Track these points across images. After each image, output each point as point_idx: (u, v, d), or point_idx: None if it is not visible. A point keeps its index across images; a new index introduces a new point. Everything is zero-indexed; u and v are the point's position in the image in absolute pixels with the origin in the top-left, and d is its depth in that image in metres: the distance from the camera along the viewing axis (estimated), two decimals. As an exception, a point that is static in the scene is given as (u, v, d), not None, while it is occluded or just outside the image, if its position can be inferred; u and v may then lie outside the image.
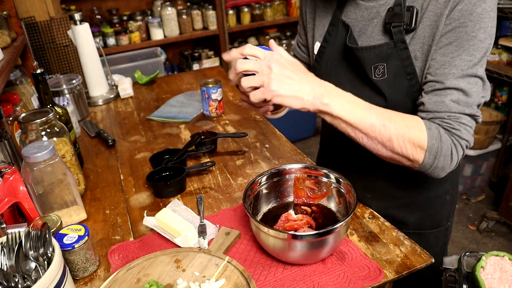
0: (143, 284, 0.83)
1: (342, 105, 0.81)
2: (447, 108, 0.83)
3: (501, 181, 2.76)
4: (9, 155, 1.18)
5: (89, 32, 1.83)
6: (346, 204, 0.94)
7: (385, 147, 0.84)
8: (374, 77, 0.93)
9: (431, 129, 0.83)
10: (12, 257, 0.75)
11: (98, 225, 1.08)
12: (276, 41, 3.66)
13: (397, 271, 0.84)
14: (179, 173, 1.19)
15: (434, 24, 0.84)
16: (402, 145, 0.83)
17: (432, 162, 0.84)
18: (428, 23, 0.85)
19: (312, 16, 1.10)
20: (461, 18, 0.80)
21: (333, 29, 1.02)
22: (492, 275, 0.93)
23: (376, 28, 0.93)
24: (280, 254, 0.86)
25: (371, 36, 0.94)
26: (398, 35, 0.88)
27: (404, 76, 0.91)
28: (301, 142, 3.55)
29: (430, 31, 0.85)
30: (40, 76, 1.16)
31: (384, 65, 0.91)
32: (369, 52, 0.92)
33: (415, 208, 1.11)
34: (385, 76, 0.92)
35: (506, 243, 2.42)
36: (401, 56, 0.89)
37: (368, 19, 0.94)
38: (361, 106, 0.83)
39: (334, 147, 1.20)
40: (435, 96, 0.84)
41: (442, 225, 1.15)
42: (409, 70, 0.89)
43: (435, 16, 0.84)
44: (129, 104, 1.89)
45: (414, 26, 0.86)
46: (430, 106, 0.85)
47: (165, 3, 3.15)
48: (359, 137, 0.85)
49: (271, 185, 1.01)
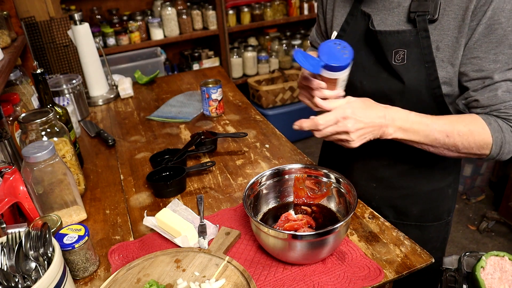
0: (143, 284, 0.83)
1: (405, 131, 0.91)
2: (501, 99, 0.89)
3: (501, 181, 2.76)
4: (9, 155, 1.18)
5: (89, 32, 1.83)
6: (346, 204, 0.94)
7: (451, 151, 0.93)
8: (394, 61, 0.97)
9: (491, 123, 0.90)
10: (12, 257, 0.75)
11: (98, 225, 1.08)
12: (276, 41, 3.66)
13: (397, 271, 0.84)
14: (179, 173, 1.19)
15: (460, 18, 0.88)
16: (467, 147, 0.91)
17: (498, 151, 0.91)
18: (453, 16, 0.89)
19: (331, 7, 1.13)
20: (494, 16, 0.85)
21: (351, 18, 1.06)
22: (492, 275, 0.94)
23: (396, 17, 0.97)
24: (280, 254, 0.86)
25: (391, 25, 0.98)
26: (421, 23, 0.92)
27: (423, 64, 0.94)
28: (301, 142, 3.55)
29: (456, 24, 0.89)
30: (40, 76, 1.16)
31: (404, 51, 0.95)
32: (392, 37, 0.96)
33: (418, 199, 1.13)
34: (404, 62, 0.96)
35: (506, 243, 2.42)
36: (422, 44, 0.93)
37: (390, 8, 0.98)
38: (423, 124, 0.91)
39: None
40: (488, 92, 0.90)
41: (443, 219, 1.17)
42: (427, 58, 0.93)
43: (461, 10, 0.88)
44: (129, 104, 1.89)
45: (437, 17, 0.90)
46: (485, 101, 0.91)
47: (165, 3, 3.15)
48: (425, 148, 0.95)
49: (271, 185, 1.01)
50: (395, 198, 1.14)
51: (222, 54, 3.42)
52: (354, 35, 1.05)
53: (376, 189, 1.15)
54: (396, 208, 1.15)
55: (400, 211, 1.14)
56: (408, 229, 1.13)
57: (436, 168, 1.10)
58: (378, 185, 1.14)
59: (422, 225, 1.15)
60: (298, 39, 3.62)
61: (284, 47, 3.65)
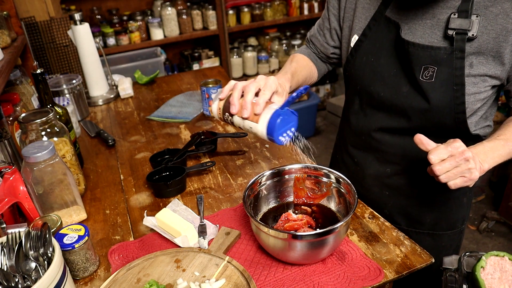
0: (143, 284, 0.83)
1: (493, 159, 0.88)
2: None
3: (501, 181, 2.76)
4: (9, 155, 1.18)
5: (89, 32, 1.83)
6: (346, 204, 0.94)
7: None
8: (421, 77, 0.92)
9: None
10: (12, 257, 0.75)
11: (98, 225, 1.08)
12: (276, 41, 3.66)
13: (397, 271, 0.84)
14: (179, 173, 1.19)
15: (502, 39, 0.85)
16: None
17: None
18: (494, 36, 0.85)
19: (353, 7, 1.07)
20: None
21: (374, 24, 1.00)
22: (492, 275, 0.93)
23: (429, 30, 0.91)
24: (280, 254, 0.86)
25: (421, 37, 0.92)
26: (459, 43, 0.87)
27: (451, 86, 0.90)
28: (301, 142, 3.55)
29: (495, 44, 0.85)
30: (40, 76, 1.16)
31: (435, 69, 0.90)
32: (424, 51, 0.90)
33: (432, 208, 1.11)
34: (432, 80, 0.91)
35: (506, 243, 2.42)
36: (454, 65, 0.88)
37: (422, 19, 0.92)
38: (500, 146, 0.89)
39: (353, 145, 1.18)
40: None
41: (456, 228, 1.15)
42: (457, 80, 0.89)
43: (504, 31, 0.84)
44: (129, 104, 1.89)
45: (475, 35, 0.86)
46: None
47: (165, 3, 3.15)
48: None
49: (271, 185, 1.01)
50: (408, 206, 1.11)
51: (222, 54, 3.42)
52: (376, 41, 1.00)
53: (389, 197, 1.12)
54: (409, 216, 1.12)
55: (413, 219, 1.12)
56: (421, 237, 1.12)
57: None
58: (391, 192, 1.12)
59: (435, 233, 1.13)
60: (298, 39, 3.62)
61: (284, 47, 3.65)
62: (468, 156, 0.81)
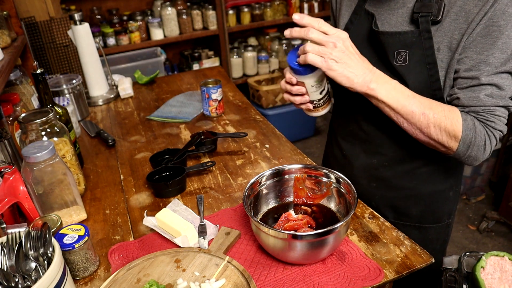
0: (143, 284, 0.83)
1: (387, 91, 0.90)
2: (482, 102, 0.89)
3: (501, 181, 2.76)
4: (9, 155, 1.18)
5: (89, 32, 1.83)
6: (346, 204, 0.94)
7: (423, 133, 0.92)
8: (396, 62, 0.97)
9: (466, 120, 0.90)
10: (12, 257, 0.75)
11: (98, 225, 1.08)
12: (276, 41, 3.66)
13: (397, 271, 0.84)
14: (179, 173, 1.19)
15: (462, 20, 0.88)
16: (438, 133, 0.91)
17: (465, 151, 0.91)
18: (454, 17, 0.89)
19: (339, 6, 1.13)
20: (494, 17, 0.84)
21: (355, 17, 1.06)
22: (492, 275, 0.94)
23: (400, 18, 0.97)
24: (280, 254, 0.86)
25: (395, 26, 0.98)
26: (424, 24, 0.91)
27: (424, 66, 0.94)
28: (301, 142, 3.55)
29: (457, 26, 0.89)
30: (40, 76, 1.16)
31: (406, 52, 0.95)
32: (393, 38, 0.95)
33: (419, 201, 1.13)
34: (406, 62, 0.96)
35: (506, 243, 2.42)
36: (424, 46, 0.93)
37: (394, 8, 0.98)
38: (405, 94, 0.91)
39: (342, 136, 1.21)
40: (470, 92, 0.90)
41: (443, 221, 1.17)
42: (429, 60, 0.93)
43: (463, 12, 0.87)
44: (129, 104, 1.89)
45: (440, 18, 0.90)
46: (466, 101, 0.91)
47: (165, 3, 3.15)
48: (400, 121, 0.94)
49: (271, 185, 1.01)
50: (395, 198, 1.14)
51: (222, 54, 3.42)
52: (358, 34, 1.05)
53: (376, 189, 1.15)
54: (396, 209, 1.14)
55: (400, 212, 1.14)
56: (408, 229, 1.13)
57: (436, 170, 1.09)
58: (379, 185, 1.14)
59: (422, 226, 1.15)
60: (298, 39, 3.62)
61: (284, 47, 3.65)
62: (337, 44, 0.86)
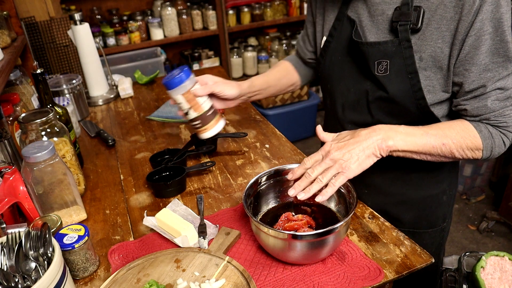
0: (143, 284, 0.83)
1: (403, 140, 0.90)
2: (491, 109, 0.89)
3: (501, 181, 2.76)
4: (9, 155, 1.18)
5: (89, 32, 1.83)
6: (346, 204, 0.94)
7: (448, 158, 0.93)
8: (377, 72, 0.96)
9: (482, 131, 0.91)
10: (12, 257, 0.75)
11: (98, 225, 1.08)
12: (276, 41, 3.66)
13: (397, 271, 0.84)
14: (179, 173, 1.19)
15: (445, 28, 0.86)
16: (462, 153, 0.92)
17: (489, 154, 0.93)
18: (436, 26, 0.87)
19: (321, 11, 1.12)
20: (483, 27, 0.83)
21: (338, 24, 1.05)
22: (492, 275, 0.94)
23: (381, 26, 0.95)
24: (280, 254, 0.86)
25: (376, 33, 0.96)
26: (403, 33, 0.90)
27: (406, 75, 0.93)
28: (301, 142, 3.55)
29: (440, 35, 0.87)
30: (40, 76, 1.16)
31: (387, 62, 0.94)
32: (374, 48, 0.94)
33: (411, 206, 1.12)
34: (387, 72, 0.95)
35: (506, 243, 2.42)
36: (404, 55, 0.92)
37: (374, 15, 0.96)
38: (418, 134, 0.90)
39: None
40: (477, 102, 0.90)
41: (437, 226, 1.15)
42: (410, 69, 0.92)
43: (444, 20, 0.86)
44: (129, 104, 1.89)
45: (420, 26, 0.88)
46: (474, 111, 0.91)
47: (165, 3, 3.15)
48: (423, 158, 0.94)
49: (271, 185, 1.01)
50: (387, 204, 1.13)
51: (222, 54, 3.42)
52: (340, 41, 1.04)
53: (367, 195, 1.13)
54: (389, 215, 1.12)
55: (392, 218, 1.12)
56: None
57: (426, 176, 1.09)
58: (370, 191, 1.13)
59: (416, 231, 1.14)
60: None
61: (284, 47, 3.65)
62: (334, 157, 0.87)
